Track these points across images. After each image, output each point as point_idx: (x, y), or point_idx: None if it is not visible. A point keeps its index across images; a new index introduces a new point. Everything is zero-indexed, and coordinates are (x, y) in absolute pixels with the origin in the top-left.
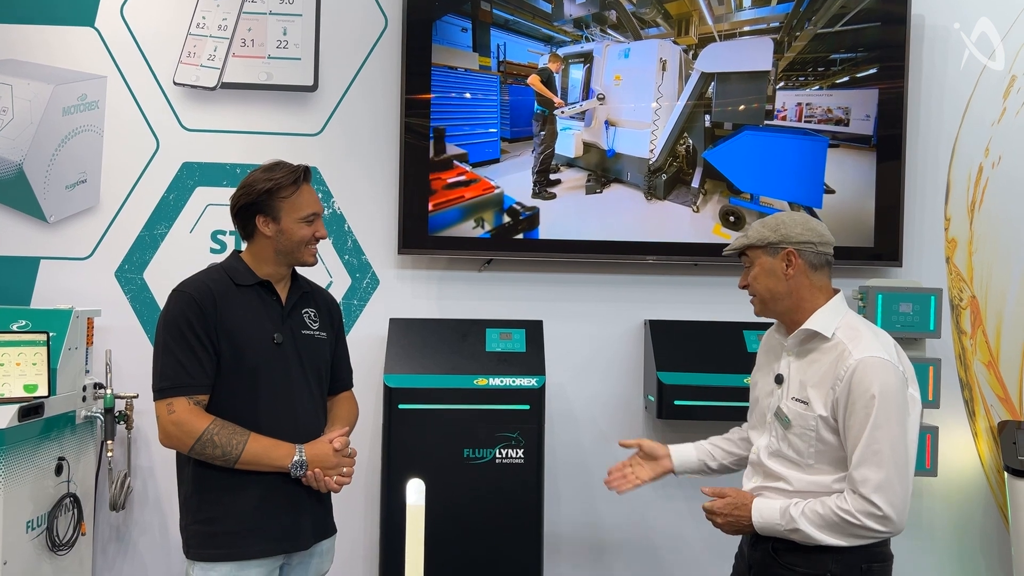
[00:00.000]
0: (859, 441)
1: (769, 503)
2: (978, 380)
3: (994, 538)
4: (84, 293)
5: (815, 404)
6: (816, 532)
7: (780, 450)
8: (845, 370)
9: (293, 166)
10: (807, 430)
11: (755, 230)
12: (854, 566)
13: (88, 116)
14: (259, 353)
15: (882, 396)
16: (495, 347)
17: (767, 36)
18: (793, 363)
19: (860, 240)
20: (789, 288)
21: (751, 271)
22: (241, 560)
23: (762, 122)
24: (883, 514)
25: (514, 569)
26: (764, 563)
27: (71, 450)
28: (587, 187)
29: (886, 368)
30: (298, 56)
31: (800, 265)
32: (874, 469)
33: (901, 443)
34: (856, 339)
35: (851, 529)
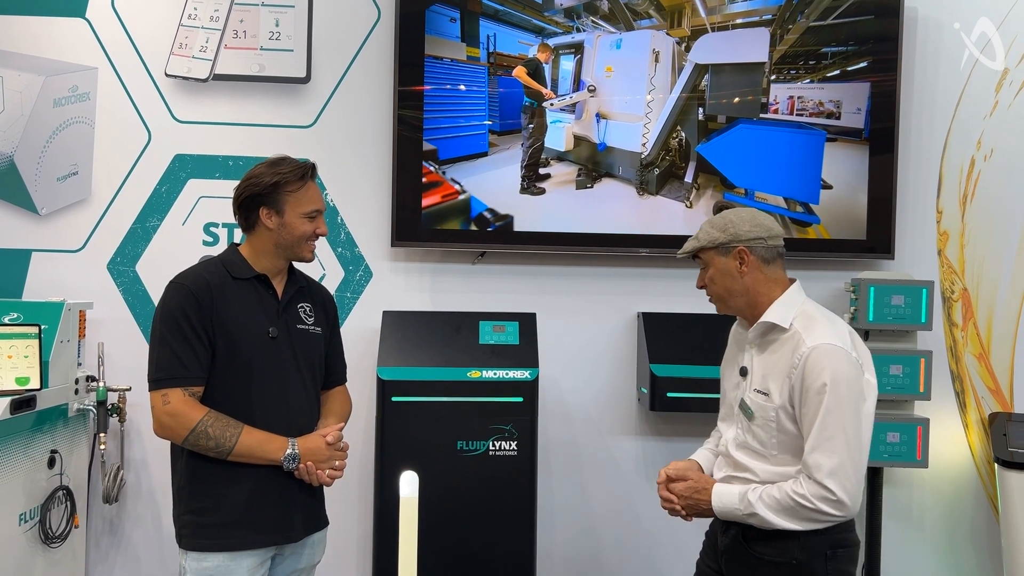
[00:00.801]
0: (812, 427)
1: (728, 488)
2: (969, 372)
3: (984, 529)
4: (76, 286)
5: (774, 395)
6: (772, 516)
7: (746, 441)
8: (799, 358)
9: (300, 162)
10: (768, 421)
11: (705, 232)
12: (818, 552)
13: (79, 108)
14: (254, 346)
15: (834, 382)
16: (488, 340)
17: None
18: (755, 355)
19: (852, 233)
20: (745, 285)
21: (707, 272)
22: (233, 551)
23: (757, 115)
24: (837, 498)
25: (507, 560)
26: (733, 549)
27: (64, 443)
28: (577, 182)
29: (838, 355)
30: (291, 48)
31: (753, 261)
32: (827, 455)
33: (854, 428)
34: (810, 327)
35: (806, 513)
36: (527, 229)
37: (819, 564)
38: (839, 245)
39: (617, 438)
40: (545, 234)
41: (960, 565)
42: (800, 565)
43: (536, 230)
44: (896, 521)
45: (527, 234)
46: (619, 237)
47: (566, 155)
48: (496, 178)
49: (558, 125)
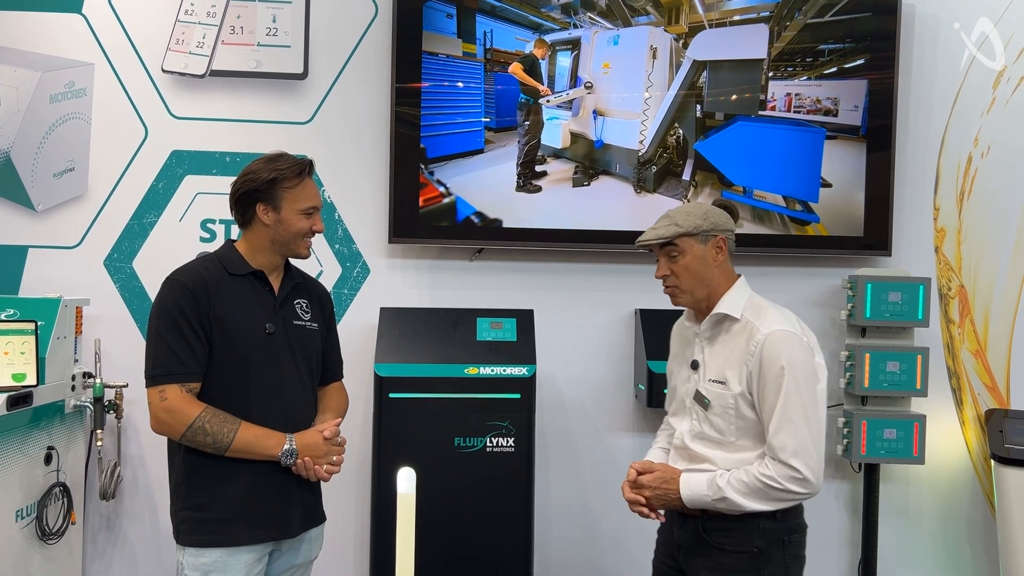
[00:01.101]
0: (774, 410)
1: (696, 476)
2: (966, 369)
3: (980, 525)
4: (73, 282)
5: (732, 383)
6: (742, 499)
7: (703, 431)
8: (755, 345)
9: (298, 159)
10: (727, 408)
11: (685, 218)
12: (777, 539)
13: (75, 104)
14: (251, 342)
15: (791, 366)
16: (486, 336)
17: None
18: (707, 348)
19: (849, 230)
20: (713, 275)
21: (680, 260)
22: (230, 546)
23: (756, 112)
24: (803, 476)
25: (504, 557)
26: (693, 542)
27: (60, 439)
28: (574, 179)
29: (792, 340)
30: (288, 44)
31: (725, 252)
32: (790, 435)
33: (812, 409)
34: (762, 316)
35: (774, 494)
36: (524, 226)
37: (777, 550)
38: (836, 242)
39: (614, 434)
40: (542, 231)
41: (956, 561)
42: (760, 552)
43: (533, 227)
44: (893, 517)
45: (524, 231)
46: (617, 234)
47: (563, 152)
48: (491, 176)
49: (555, 122)
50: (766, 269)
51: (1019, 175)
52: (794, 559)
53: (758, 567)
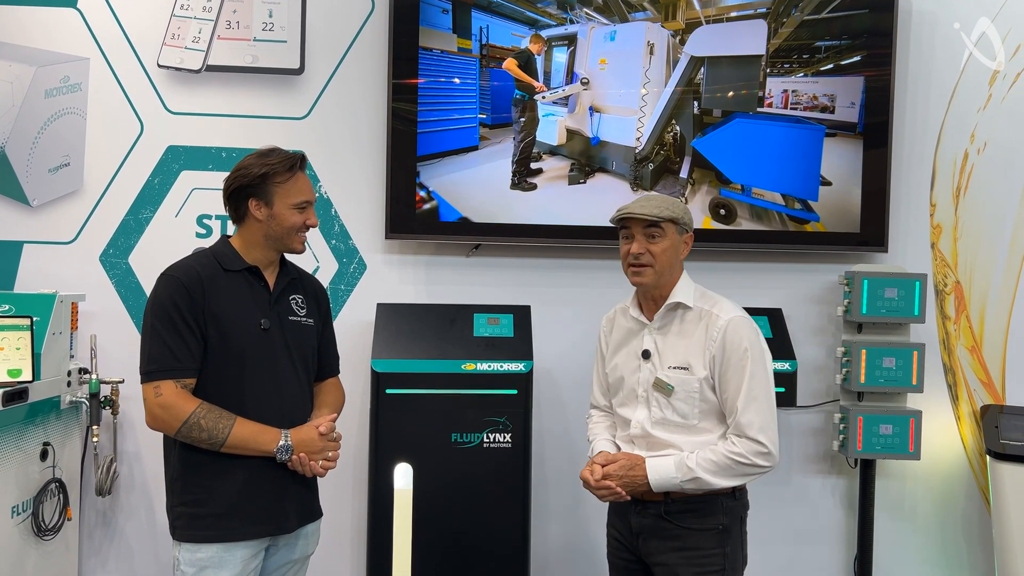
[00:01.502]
0: (740, 390)
1: (662, 460)
2: (961, 365)
3: (976, 521)
4: (68, 277)
5: (696, 368)
6: (712, 478)
7: (665, 417)
8: (717, 331)
9: (289, 153)
10: (691, 393)
11: (672, 206)
12: (737, 516)
13: (71, 98)
14: (246, 338)
15: (752, 348)
16: (483, 332)
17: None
18: (658, 337)
19: (846, 226)
20: (677, 267)
21: (660, 241)
22: (226, 542)
23: (754, 109)
24: (767, 450)
25: (501, 552)
26: (655, 527)
27: (56, 435)
28: (570, 176)
29: (748, 324)
30: (284, 39)
31: (688, 249)
32: (755, 413)
33: (769, 388)
34: (715, 304)
35: (743, 469)
36: (521, 222)
37: (736, 527)
38: (833, 238)
39: None
40: (539, 227)
41: (951, 556)
42: (724, 529)
43: (530, 223)
44: (888, 513)
45: (521, 227)
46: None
47: (558, 149)
48: (486, 173)
49: (550, 118)
50: (763, 265)
51: (1015, 171)
52: (745, 535)
53: (723, 543)
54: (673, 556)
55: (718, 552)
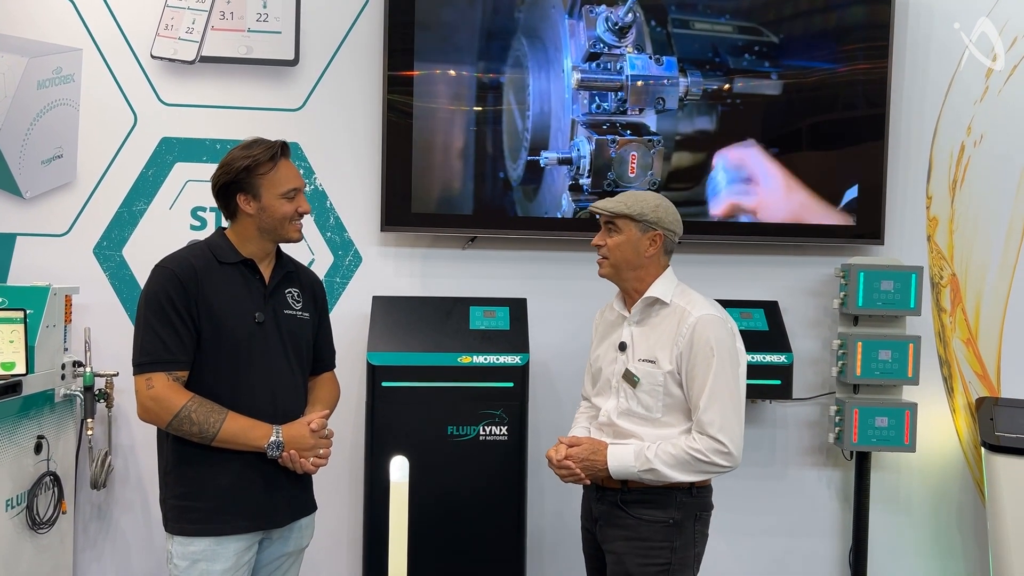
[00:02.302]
0: (704, 388)
1: (623, 448)
2: (957, 357)
3: (970, 513)
4: (62, 270)
5: (662, 362)
6: (668, 471)
7: (630, 408)
8: (687, 327)
9: (270, 142)
10: (656, 386)
11: (635, 202)
12: (691, 513)
13: (63, 90)
14: (239, 331)
15: (719, 347)
16: (479, 325)
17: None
18: (635, 331)
19: (842, 219)
20: (642, 264)
21: (615, 236)
22: (218, 535)
23: None
24: (727, 450)
25: (497, 545)
26: (610, 514)
27: (50, 428)
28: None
29: (720, 324)
30: (278, 30)
31: (659, 248)
32: (717, 412)
33: (736, 388)
34: (691, 302)
35: (700, 466)
36: (518, 214)
37: (690, 523)
38: (829, 231)
39: None
40: (536, 219)
41: (946, 548)
42: (676, 524)
43: (527, 215)
44: (884, 505)
45: (518, 219)
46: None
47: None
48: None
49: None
50: (759, 258)
51: (1011, 164)
52: (701, 535)
53: (672, 537)
54: (622, 545)
55: (666, 545)
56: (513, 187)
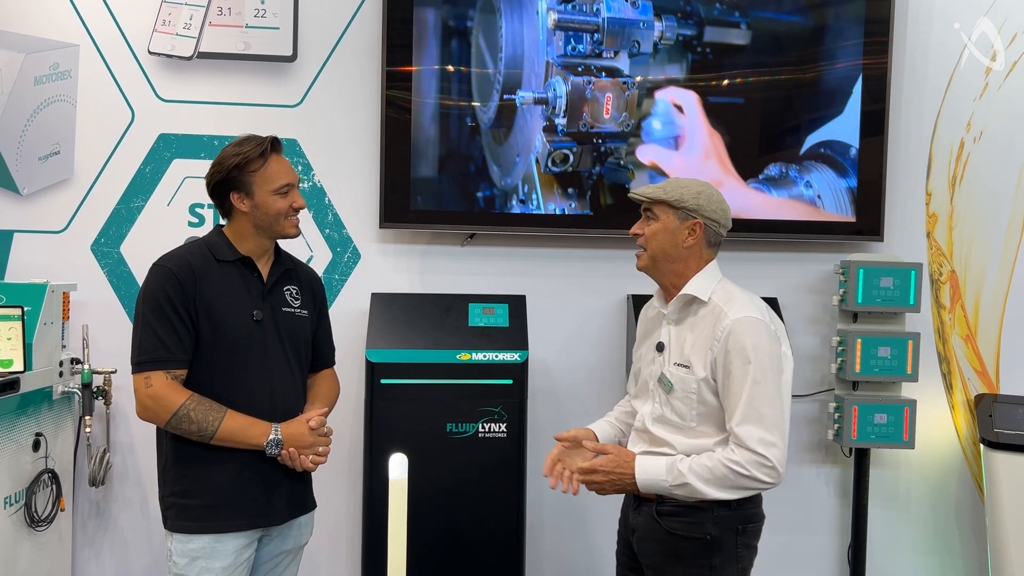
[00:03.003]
0: (740, 399)
1: (653, 459)
2: (956, 354)
3: (969, 509)
4: (59, 267)
5: (696, 368)
6: (704, 486)
7: (664, 415)
8: (722, 331)
9: (261, 138)
10: (689, 393)
11: (674, 188)
12: (731, 527)
13: (61, 86)
14: (238, 329)
15: (756, 352)
16: (478, 322)
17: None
18: (673, 330)
19: (842, 215)
20: (681, 255)
21: (652, 224)
22: (216, 533)
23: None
24: (771, 465)
25: (497, 542)
26: (647, 526)
27: (48, 426)
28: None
29: (759, 327)
30: (276, 25)
31: (700, 238)
32: (756, 425)
33: (777, 398)
34: (730, 301)
35: (740, 480)
36: (517, 211)
37: (730, 538)
38: (829, 227)
39: None
40: (535, 216)
41: (945, 544)
42: (713, 540)
43: (526, 212)
44: (883, 501)
45: (517, 216)
46: (610, 219)
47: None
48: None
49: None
50: (758, 254)
51: (1011, 161)
52: (746, 548)
53: (710, 555)
54: (659, 560)
55: (704, 564)
56: (482, 130)
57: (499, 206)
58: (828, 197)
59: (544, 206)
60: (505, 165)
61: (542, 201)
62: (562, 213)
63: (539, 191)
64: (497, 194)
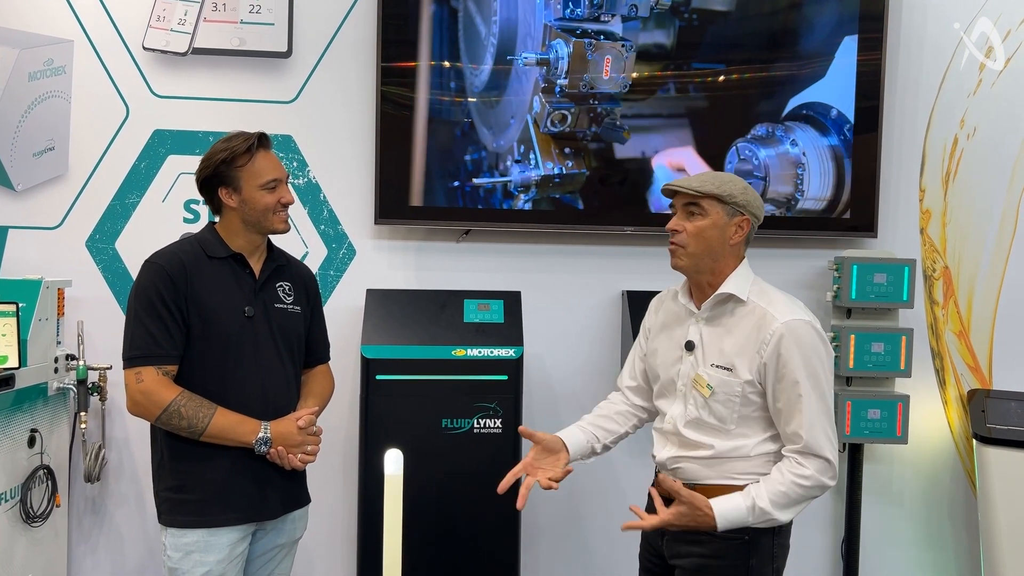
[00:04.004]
0: (801, 406)
1: (730, 502)
2: (949, 349)
3: (962, 504)
4: (54, 263)
5: (740, 370)
6: (780, 513)
7: (700, 418)
8: (771, 334)
9: (248, 134)
10: (732, 396)
11: (723, 182)
12: (768, 529)
13: (55, 81)
14: (229, 326)
15: (813, 357)
16: (473, 318)
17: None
18: (705, 330)
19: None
20: (724, 252)
21: (699, 220)
22: (210, 527)
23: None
24: (834, 471)
25: (492, 538)
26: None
27: (44, 422)
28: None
29: (811, 330)
30: (271, 21)
31: (744, 236)
32: (822, 430)
33: (829, 396)
34: (772, 302)
35: (811, 492)
36: (512, 207)
37: (767, 539)
38: (823, 223)
39: None
40: (530, 212)
41: (938, 539)
42: (751, 540)
43: (521, 208)
44: (876, 496)
45: (512, 212)
46: (606, 216)
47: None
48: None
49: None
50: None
51: (1004, 157)
52: (780, 548)
53: (747, 555)
54: (694, 561)
55: (740, 564)
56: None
57: (487, 168)
58: (812, 155)
59: (543, 165)
60: (498, 127)
61: (540, 160)
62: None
63: (537, 151)
64: (486, 157)
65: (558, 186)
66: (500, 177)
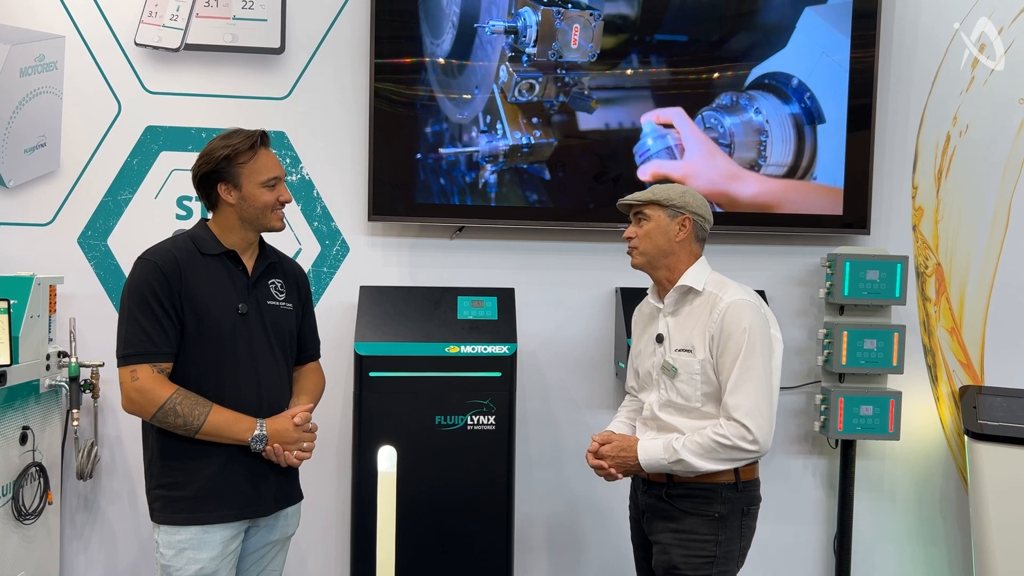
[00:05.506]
0: (731, 372)
1: (653, 442)
2: (941, 346)
3: (953, 500)
4: (46, 260)
5: (698, 350)
6: (696, 460)
7: (670, 399)
8: (718, 313)
9: (250, 131)
10: (693, 375)
11: (662, 190)
12: (737, 508)
13: (46, 77)
14: (223, 323)
15: (750, 332)
16: (467, 315)
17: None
18: (671, 321)
19: (829, 208)
20: (673, 250)
21: (645, 224)
22: (203, 524)
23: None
24: (753, 436)
25: (485, 534)
26: (657, 507)
27: (35, 419)
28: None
29: (751, 308)
30: (264, 17)
31: (689, 233)
32: (744, 396)
33: (766, 375)
34: (724, 288)
35: (726, 452)
36: (505, 204)
37: (735, 518)
38: (815, 220)
39: (595, 412)
40: (524, 209)
41: (930, 535)
42: (721, 518)
43: (514, 204)
44: (868, 492)
45: (506, 209)
46: (599, 213)
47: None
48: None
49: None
50: (745, 247)
51: (996, 154)
52: (748, 529)
53: (716, 532)
54: (668, 536)
55: (711, 539)
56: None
57: (449, 140)
58: (775, 122)
59: (510, 135)
60: (460, 98)
61: (508, 130)
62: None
63: (504, 120)
64: (447, 129)
65: (526, 156)
66: (465, 148)
